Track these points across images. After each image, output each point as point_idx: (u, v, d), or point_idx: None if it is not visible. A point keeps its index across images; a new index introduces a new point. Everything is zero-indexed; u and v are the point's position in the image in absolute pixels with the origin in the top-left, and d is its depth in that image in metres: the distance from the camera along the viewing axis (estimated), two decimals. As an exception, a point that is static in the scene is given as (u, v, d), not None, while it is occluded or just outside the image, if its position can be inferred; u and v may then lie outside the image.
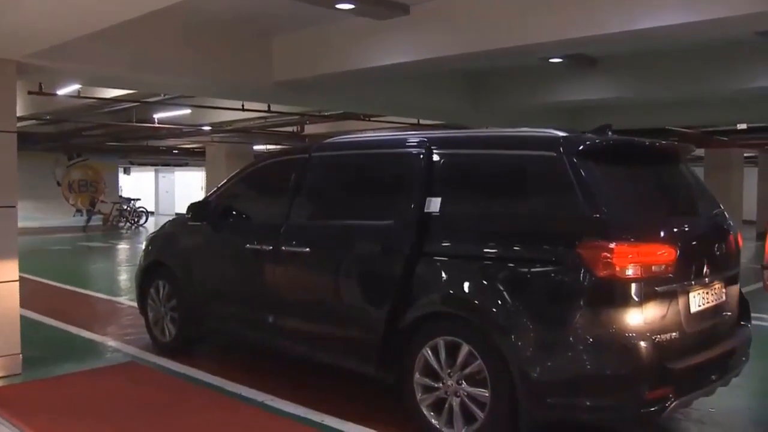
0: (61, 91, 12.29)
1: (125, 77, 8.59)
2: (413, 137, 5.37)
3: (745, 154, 23.58)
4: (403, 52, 7.72)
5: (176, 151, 28.82)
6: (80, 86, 11.92)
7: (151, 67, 7.91)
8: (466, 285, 4.63)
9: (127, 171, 37.11)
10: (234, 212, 6.52)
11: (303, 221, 5.86)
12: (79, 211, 27.10)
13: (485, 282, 4.51)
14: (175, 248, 7.08)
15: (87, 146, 25.35)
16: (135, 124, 16.66)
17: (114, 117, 16.94)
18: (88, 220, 26.75)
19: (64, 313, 9.01)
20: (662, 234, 4.44)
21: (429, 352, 4.67)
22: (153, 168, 41.30)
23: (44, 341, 7.57)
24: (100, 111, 15.77)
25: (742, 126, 16.21)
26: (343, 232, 5.50)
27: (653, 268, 4.20)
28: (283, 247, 5.75)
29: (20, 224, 6.38)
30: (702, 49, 9.63)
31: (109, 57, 7.35)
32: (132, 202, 29.06)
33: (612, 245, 4.08)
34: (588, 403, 4.22)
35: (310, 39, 8.53)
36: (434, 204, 4.86)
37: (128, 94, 12.59)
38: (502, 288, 4.39)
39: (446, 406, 4.60)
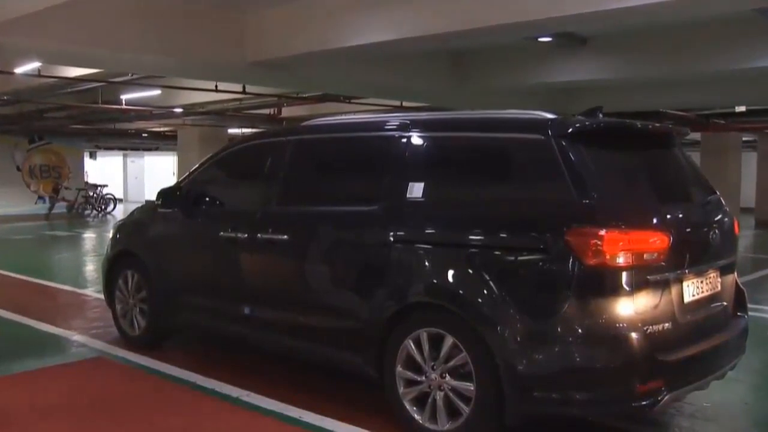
0: (19, 69, 12.16)
1: (87, 55, 8.49)
2: (395, 119, 5.39)
3: (744, 138, 23.73)
4: (384, 30, 7.73)
5: (146, 135, 28.69)
6: (40, 64, 11.81)
7: (115, 44, 7.84)
8: (450, 274, 4.66)
9: (93, 155, 36.83)
10: (207, 198, 6.50)
11: (280, 208, 5.86)
12: (41, 198, 26.87)
13: (470, 271, 4.55)
14: (144, 237, 7.06)
15: (49, 129, 25.16)
16: (101, 105, 16.55)
17: (78, 98, 16.84)
18: (52, 208, 26.55)
19: (25, 306, 8.94)
20: (655, 221, 4.49)
21: (411, 344, 4.70)
22: (121, 152, 41.07)
23: (1, 336, 7.52)
24: (62, 91, 15.67)
25: (741, 108, 16.32)
26: (322, 219, 5.53)
27: (645, 256, 4.25)
28: (260, 235, 5.76)
29: (-23, 212, 6.32)
30: (699, 27, 9.67)
31: (69, 32, 7.25)
32: (99, 188, 28.86)
33: (602, 232, 4.12)
34: (577, 397, 4.26)
35: (286, 16, 8.52)
36: (417, 189, 4.89)
37: (93, 74, 12.50)
38: (487, 277, 4.42)
39: (429, 400, 4.63)
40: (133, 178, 42.84)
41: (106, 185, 29.71)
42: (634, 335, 4.12)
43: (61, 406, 5.39)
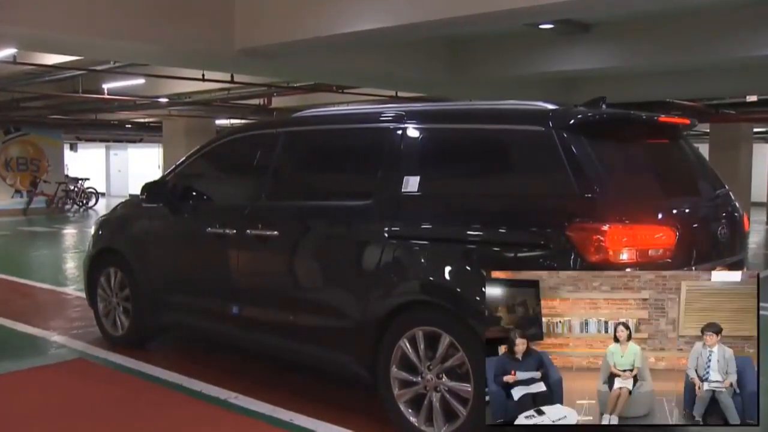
0: (-8, 56, 12.12)
1: (63, 40, 8.43)
2: (390, 111, 5.41)
3: (756, 129, 23.74)
4: (379, 17, 7.73)
5: (129, 126, 28.66)
6: (16, 50, 11.76)
7: (93, 29, 7.79)
8: (446, 271, 4.68)
9: (73, 147, 36.78)
10: (194, 193, 6.52)
11: (271, 202, 5.88)
12: (18, 192, 26.76)
13: (468, 268, 4.59)
14: (128, 233, 7.06)
15: (26, 119, 25.07)
16: (81, 94, 16.52)
17: (57, 87, 16.80)
18: (30, 202, 26.44)
19: (0, 305, 8.94)
20: (660, 216, 4.51)
21: (407, 343, 4.73)
22: (103, 144, 40.99)
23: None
24: (40, 79, 15.62)
25: (752, 98, 16.33)
26: (313, 214, 5.56)
27: (650, 252, 4.27)
28: (249, 231, 5.78)
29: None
30: (707, 13, 9.66)
31: (43, 16, 7.20)
32: (80, 182, 28.75)
33: (605, 227, 4.15)
34: (579, 399, 4.30)
35: (276, 1, 8.51)
36: (412, 183, 4.92)
37: (72, 61, 12.47)
38: (485, 274, 4.45)
39: (425, 402, 4.66)
40: (116, 171, 42.76)
41: (88, 179, 29.61)
42: (638, 334, 4.15)
43: (37, 411, 5.39)
